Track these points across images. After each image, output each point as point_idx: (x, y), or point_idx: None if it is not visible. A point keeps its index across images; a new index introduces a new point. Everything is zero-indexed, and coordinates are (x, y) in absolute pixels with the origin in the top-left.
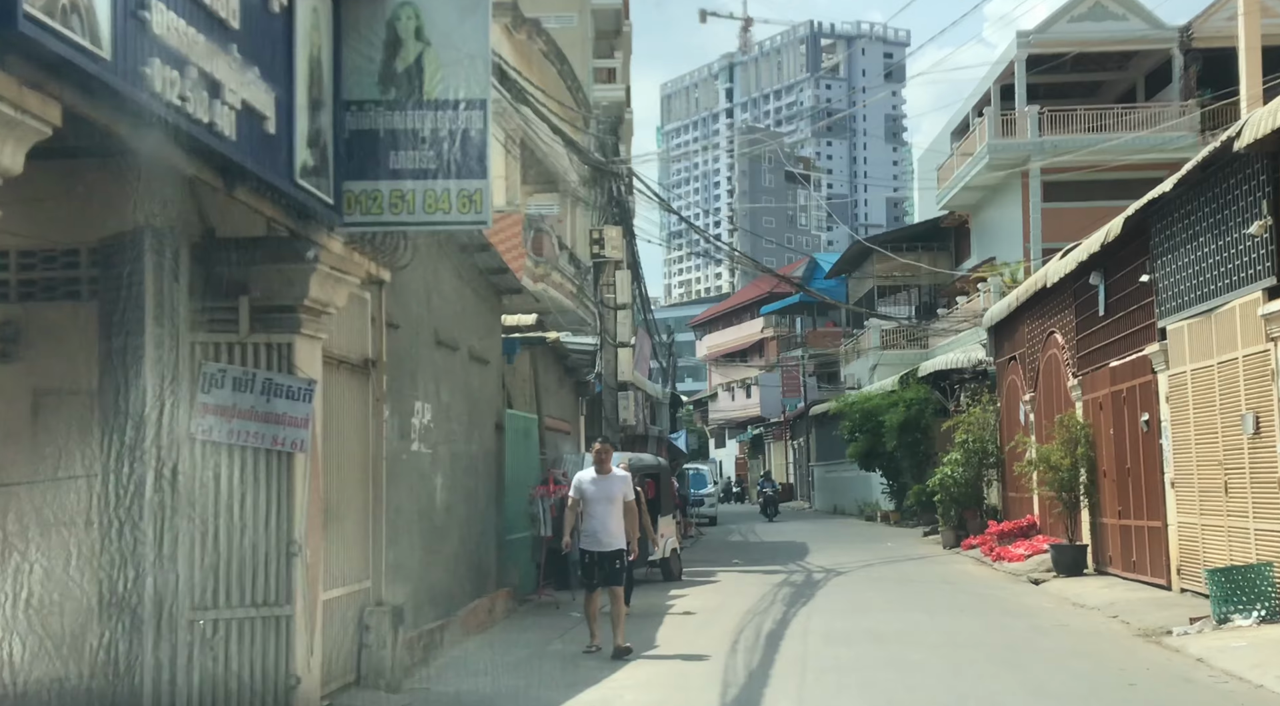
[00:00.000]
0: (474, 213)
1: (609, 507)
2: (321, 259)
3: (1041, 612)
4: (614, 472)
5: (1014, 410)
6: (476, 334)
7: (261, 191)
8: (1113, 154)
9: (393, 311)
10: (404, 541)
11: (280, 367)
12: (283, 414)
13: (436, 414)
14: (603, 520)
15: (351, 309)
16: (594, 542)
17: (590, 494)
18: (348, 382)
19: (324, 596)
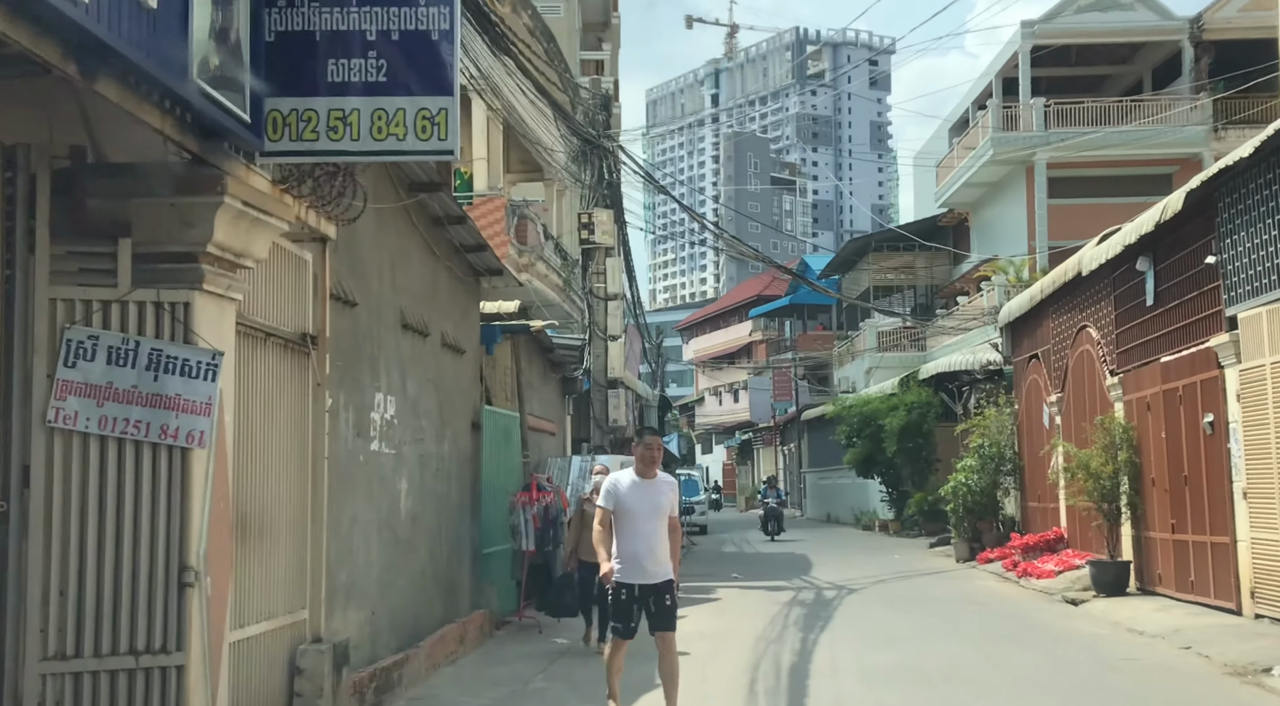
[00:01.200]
0: (436, 139)
1: (656, 523)
2: (232, 190)
3: (1100, 642)
4: (660, 477)
5: (1036, 412)
6: (450, 319)
7: (143, 91)
8: (1121, 148)
9: (349, 285)
10: (359, 558)
11: (174, 335)
12: (175, 396)
13: (401, 408)
14: (649, 541)
15: (286, 270)
16: (636, 572)
17: (631, 504)
18: (280, 362)
19: (235, 636)
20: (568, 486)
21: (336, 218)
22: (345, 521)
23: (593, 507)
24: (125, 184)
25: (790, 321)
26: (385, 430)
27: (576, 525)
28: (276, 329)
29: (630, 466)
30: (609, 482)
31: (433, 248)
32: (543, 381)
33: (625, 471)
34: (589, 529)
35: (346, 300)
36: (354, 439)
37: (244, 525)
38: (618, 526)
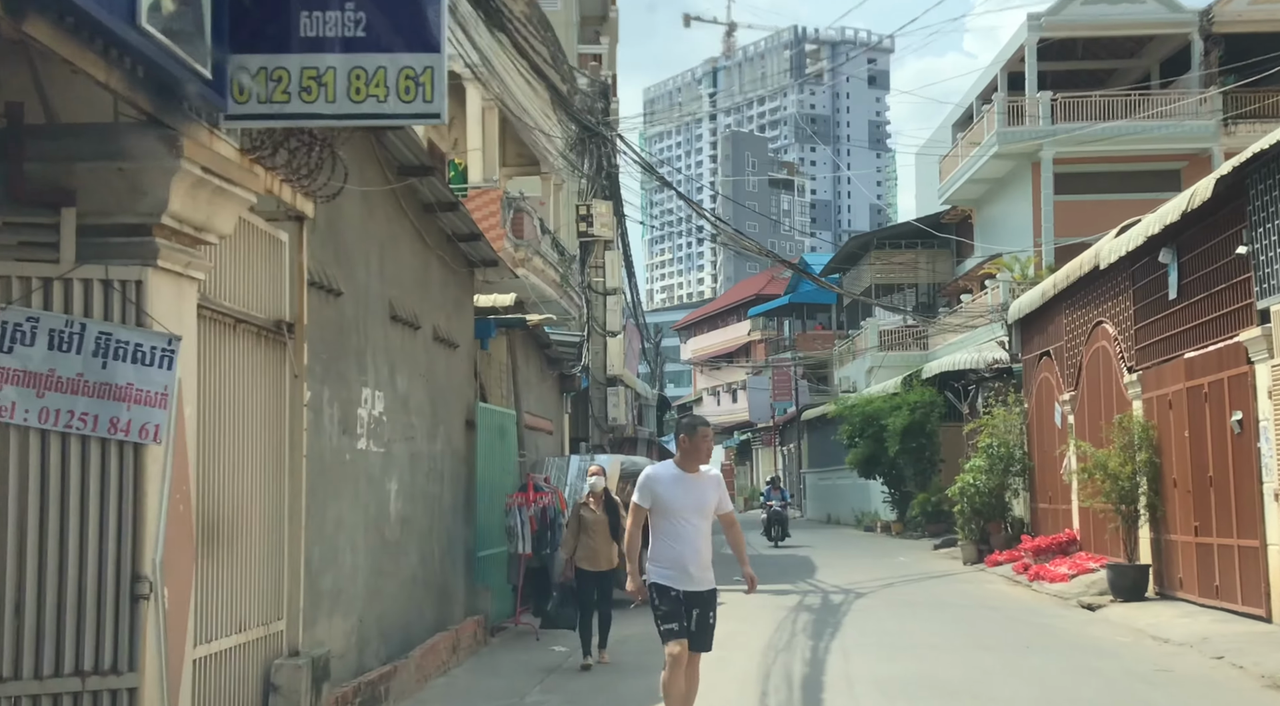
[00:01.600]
0: (421, 101)
1: (700, 523)
2: (189, 154)
3: (1125, 651)
4: (704, 471)
5: (1047, 411)
6: (443, 311)
7: (83, 37)
8: (1129, 143)
9: (333, 273)
10: (345, 563)
11: (125, 317)
12: (126, 386)
13: (391, 405)
14: (693, 543)
15: (259, 251)
16: (681, 577)
17: (673, 501)
18: (253, 352)
19: (200, 652)
20: (566, 487)
21: (314, 194)
22: (330, 524)
23: (589, 512)
24: (68, 146)
25: (789, 321)
26: (373, 427)
27: (573, 530)
28: (248, 315)
29: (619, 465)
30: (646, 477)
31: (424, 236)
32: (540, 378)
33: (663, 465)
34: (590, 534)
35: (330, 289)
36: (339, 436)
37: (212, 529)
38: (656, 527)
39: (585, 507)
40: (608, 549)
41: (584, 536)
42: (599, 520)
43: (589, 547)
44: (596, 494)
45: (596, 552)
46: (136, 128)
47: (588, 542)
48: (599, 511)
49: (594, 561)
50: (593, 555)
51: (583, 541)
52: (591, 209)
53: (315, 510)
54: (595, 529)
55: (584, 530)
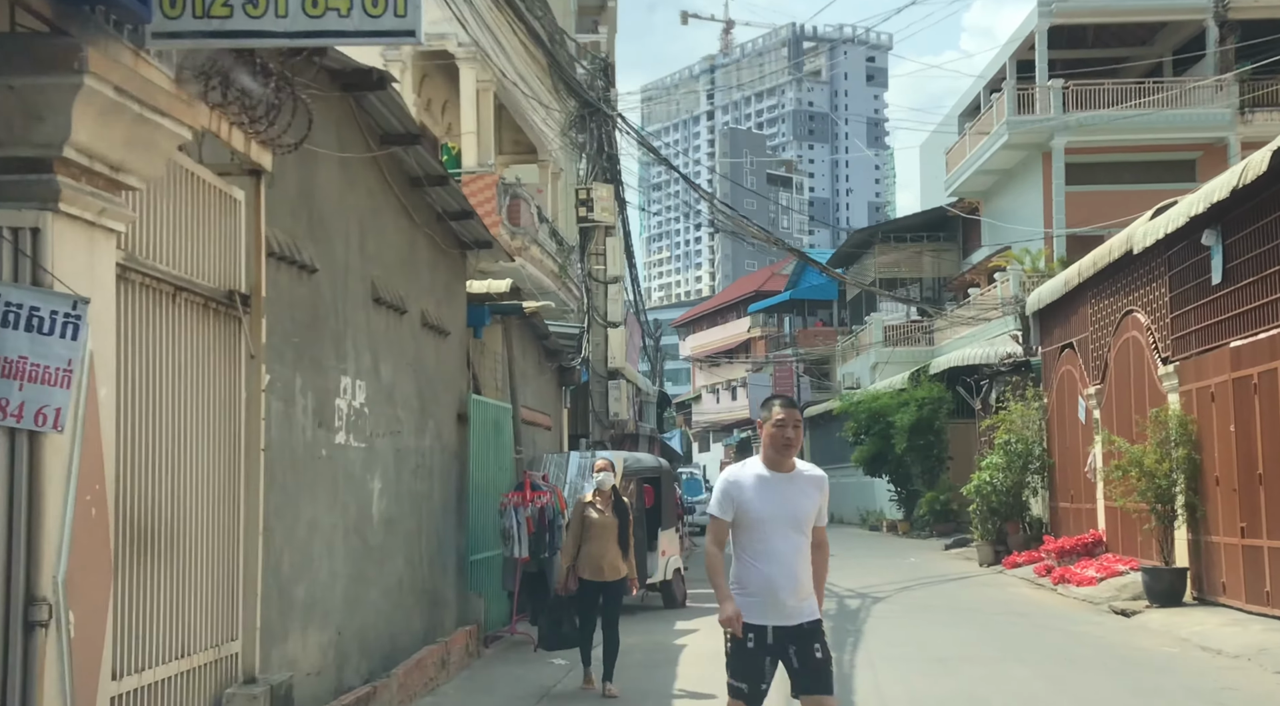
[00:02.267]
0: (391, 15)
1: (797, 539)
2: (96, 68)
3: (1177, 664)
4: (801, 469)
5: (1069, 406)
6: (432, 295)
7: None
8: (1143, 132)
9: (307, 247)
10: (321, 569)
11: (18, 274)
12: (17, 360)
13: (374, 395)
14: (788, 563)
15: (208, 209)
16: (771, 609)
17: (760, 509)
18: (199, 327)
19: (129, 684)
20: (565, 485)
21: (273, 143)
22: (303, 527)
23: (596, 514)
24: None
25: (790, 317)
26: (354, 420)
27: (575, 533)
28: (192, 283)
29: (622, 462)
30: (725, 482)
31: (410, 212)
32: (537, 371)
33: (746, 464)
34: (595, 538)
35: (303, 264)
36: (314, 430)
37: (146, 536)
38: (740, 542)
39: (591, 508)
40: (616, 556)
41: (588, 541)
42: (606, 523)
43: (594, 554)
44: (604, 492)
45: (602, 560)
46: (31, 37)
47: (592, 549)
48: (607, 512)
49: (599, 570)
50: (598, 563)
51: (586, 547)
52: (592, 192)
53: (286, 512)
54: (601, 533)
55: (588, 534)
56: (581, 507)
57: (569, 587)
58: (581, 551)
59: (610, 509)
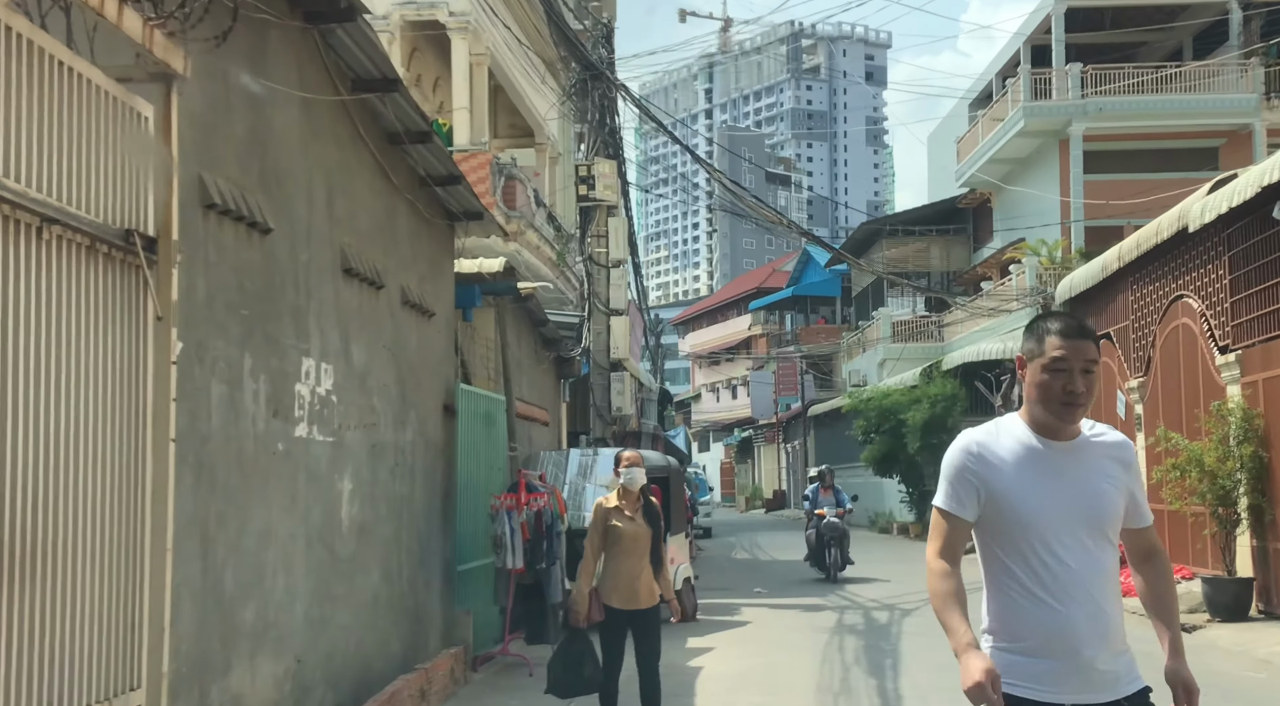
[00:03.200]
0: None
1: (1099, 549)
2: None
3: (1268, 692)
4: (1093, 433)
5: (1106, 401)
6: (414, 270)
7: None
8: (1165, 119)
9: (258, 201)
10: (275, 587)
11: None
12: None
13: (344, 381)
14: (1088, 596)
15: (101, 123)
16: (1065, 676)
17: (1035, 500)
18: (84, 277)
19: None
20: (564, 486)
21: (183, 35)
22: (253, 536)
23: (625, 521)
24: None
25: (791, 314)
26: (318, 410)
27: (596, 546)
28: (68, 213)
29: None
30: (964, 453)
31: (389, 173)
32: (534, 361)
33: (1000, 425)
34: (624, 553)
35: (254, 222)
36: (268, 420)
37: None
38: (998, 559)
39: (617, 514)
40: (650, 576)
41: (615, 558)
42: (638, 533)
43: (623, 574)
44: (631, 493)
45: (636, 582)
46: None
47: (621, 567)
48: (638, 520)
49: (631, 595)
50: (629, 586)
51: (613, 565)
52: (593, 169)
53: (231, 518)
54: (633, 546)
55: (615, 548)
56: (604, 514)
57: (591, 618)
58: (606, 570)
59: (640, 515)
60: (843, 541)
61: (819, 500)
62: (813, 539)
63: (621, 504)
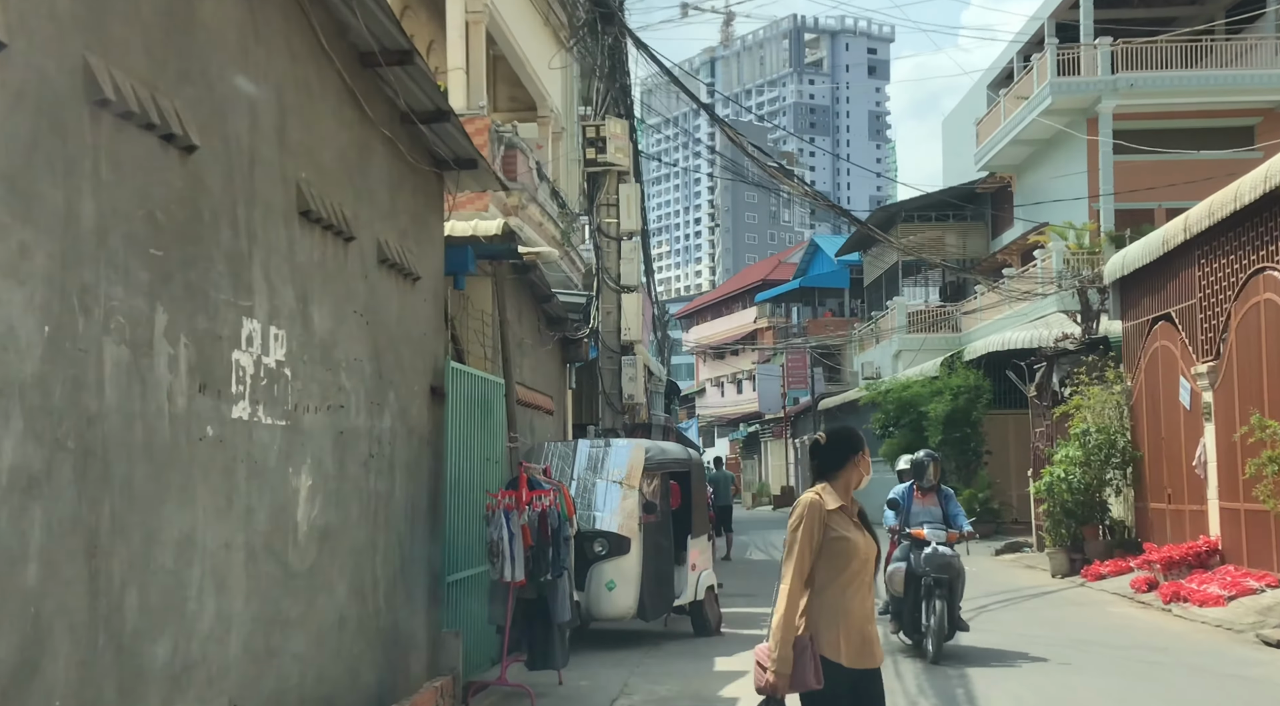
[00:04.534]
0: None
1: None
2: None
3: None
4: None
5: (1166, 388)
6: (394, 224)
7: None
8: (1199, 96)
9: (173, 105)
10: (201, 612)
11: None
12: None
13: (301, 352)
14: None
15: None
16: None
17: None
18: None
19: None
20: (572, 482)
21: None
22: (168, 548)
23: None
24: None
25: (798, 307)
26: (266, 386)
27: (800, 569)
28: None
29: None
30: None
31: (361, 101)
32: (537, 341)
33: None
34: (861, 586)
35: (170, 133)
36: (191, 396)
37: None
38: None
39: (840, 519)
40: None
41: (838, 587)
42: (870, 552)
43: (854, 614)
44: (848, 491)
45: (867, 626)
46: None
47: (851, 603)
48: (866, 533)
49: (863, 647)
50: (860, 631)
51: (836, 599)
52: (602, 129)
53: (134, 525)
54: (864, 571)
55: (839, 572)
56: (821, 515)
57: (805, 684)
58: (825, 608)
59: (861, 522)
60: (953, 590)
61: (914, 510)
62: (898, 583)
63: (844, 506)
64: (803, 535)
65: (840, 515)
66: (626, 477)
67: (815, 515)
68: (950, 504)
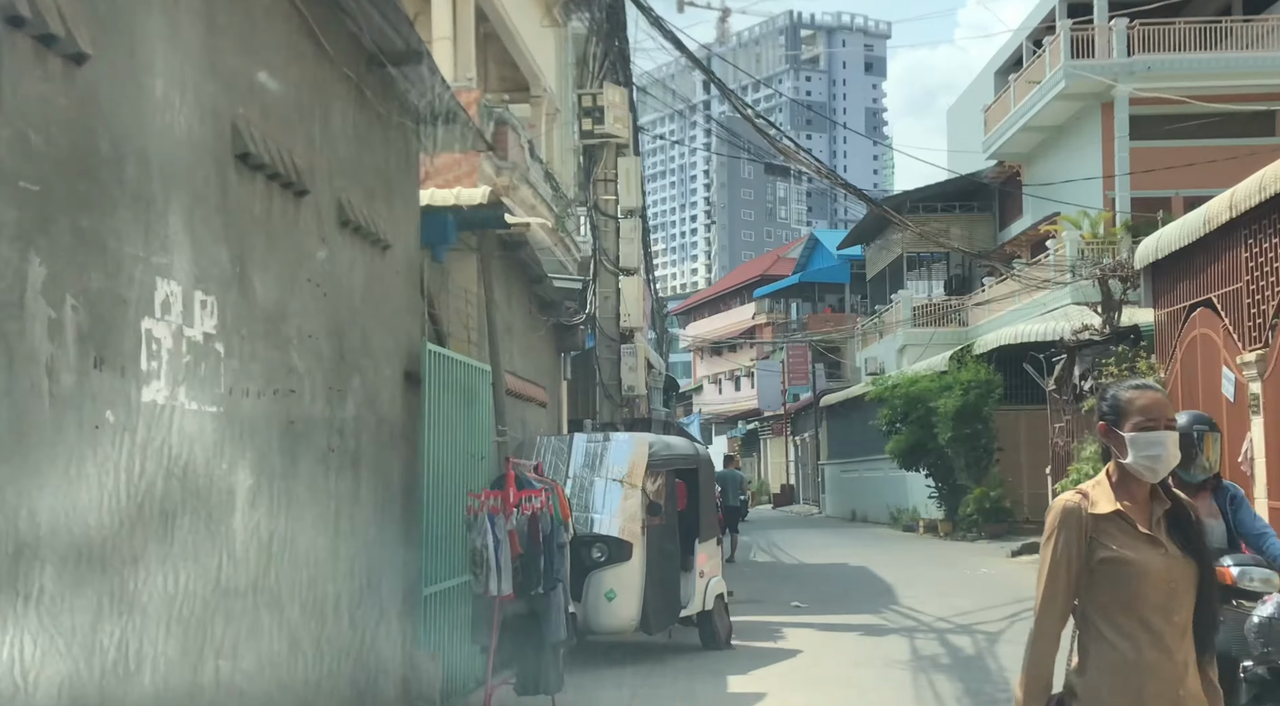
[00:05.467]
0: None
1: None
2: None
3: None
4: None
5: (1207, 379)
6: (359, 181)
7: None
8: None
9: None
10: (99, 643)
11: None
12: None
13: (238, 324)
14: None
15: None
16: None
17: None
18: None
19: None
20: (567, 481)
21: None
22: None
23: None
24: None
25: (797, 303)
26: (191, 363)
27: (1063, 593)
28: None
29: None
30: None
31: (315, 30)
32: (528, 326)
33: None
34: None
35: (49, 35)
36: (82, 372)
37: None
38: None
39: (1120, 526)
40: (1196, 677)
41: (1121, 627)
42: (1177, 575)
43: (1154, 669)
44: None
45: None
46: None
47: (1143, 654)
48: (1171, 545)
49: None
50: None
51: (1119, 647)
52: (599, 98)
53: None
54: (1167, 604)
55: (1123, 603)
56: (1087, 525)
57: None
58: (1112, 659)
59: (1172, 533)
60: None
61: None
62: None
63: (1126, 505)
64: (1053, 553)
65: (1121, 522)
66: (628, 476)
67: (1073, 525)
68: (1243, 511)
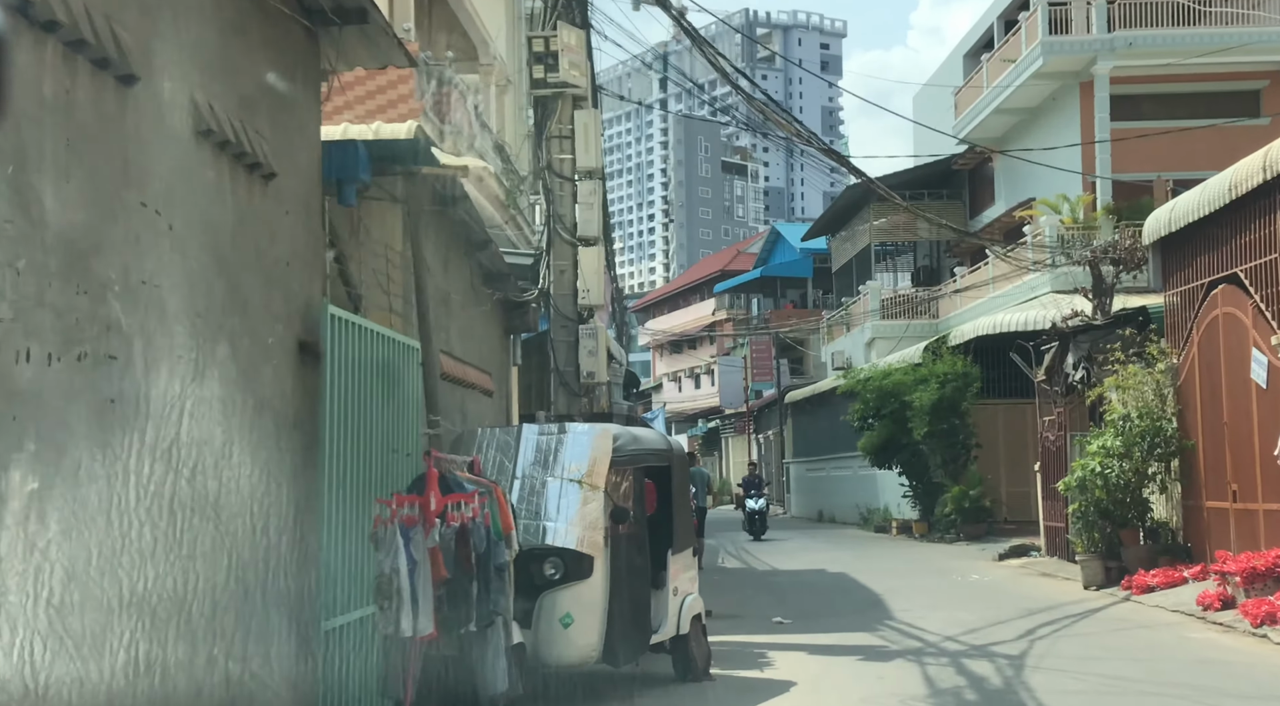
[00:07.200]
0: None
1: None
2: None
3: None
4: None
5: (1230, 365)
6: (232, 86)
7: None
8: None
9: None
10: None
11: None
12: None
13: (12, 250)
14: None
15: None
16: None
17: None
18: None
19: None
20: (512, 483)
21: None
22: None
23: None
24: None
25: (759, 298)
26: None
27: None
28: None
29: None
30: None
31: None
32: (470, 299)
33: None
34: None
35: None
36: None
37: None
38: None
39: None
40: None
41: None
42: None
43: None
44: None
45: None
46: None
47: None
48: None
49: None
50: None
51: None
52: (552, 42)
53: None
54: None
55: None
56: None
57: None
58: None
59: None
60: None
61: None
62: None
63: None
64: None
65: None
66: (588, 475)
67: None
68: None
